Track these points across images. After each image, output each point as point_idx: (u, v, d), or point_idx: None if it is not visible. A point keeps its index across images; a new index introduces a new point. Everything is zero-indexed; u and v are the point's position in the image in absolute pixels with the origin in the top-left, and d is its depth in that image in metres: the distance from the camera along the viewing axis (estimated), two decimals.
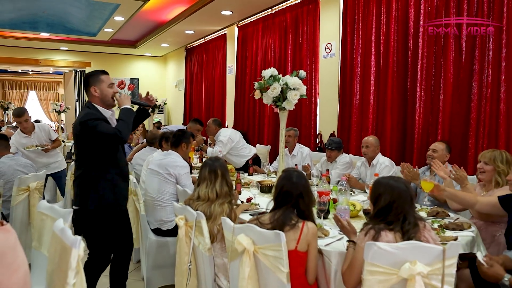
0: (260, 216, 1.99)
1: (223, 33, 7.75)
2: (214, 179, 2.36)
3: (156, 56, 11.25)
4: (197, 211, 2.16)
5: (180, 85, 10.18)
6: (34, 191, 3.35)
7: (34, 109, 15.22)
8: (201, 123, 4.93)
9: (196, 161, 4.94)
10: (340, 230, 2.24)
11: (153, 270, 3.01)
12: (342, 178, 2.81)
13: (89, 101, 2.48)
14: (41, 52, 10.01)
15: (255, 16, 6.56)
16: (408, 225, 1.69)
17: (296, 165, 4.03)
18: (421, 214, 2.53)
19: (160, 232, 3.06)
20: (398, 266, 1.55)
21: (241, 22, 7.02)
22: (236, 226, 1.91)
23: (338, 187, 2.63)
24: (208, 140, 6.05)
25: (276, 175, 3.74)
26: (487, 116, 3.39)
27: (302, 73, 3.11)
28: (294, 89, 3.01)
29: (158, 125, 7.85)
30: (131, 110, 2.49)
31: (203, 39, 8.63)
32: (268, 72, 3.06)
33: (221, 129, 4.73)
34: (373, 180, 1.95)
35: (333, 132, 4.98)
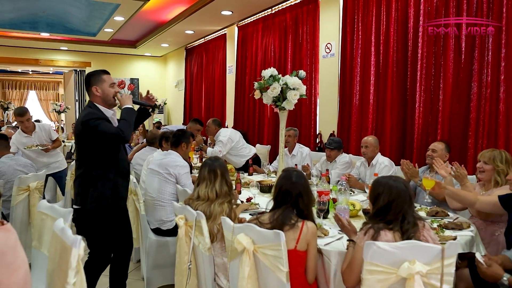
0: (260, 216, 1.99)
1: (223, 33, 7.75)
2: (214, 179, 2.36)
3: (156, 56, 11.26)
4: (197, 211, 2.17)
5: (180, 85, 10.19)
6: (34, 191, 3.36)
7: (34, 109, 15.20)
8: (201, 123, 4.94)
9: (196, 161, 4.94)
10: (340, 230, 2.25)
11: (153, 270, 3.02)
12: (342, 178, 2.81)
13: (91, 101, 2.49)
14: (41, 52, 10.02)
15: (255, 16, 6.57)
16: (407, 225, 1.70)
17: (296, 165, 4.04)
18: (421, 214, 2.54)
19: (160, 232, 3.06)
20: (397, 266, 1.55)
21: (241, 22, 7.03)
22: (236, 226, 1.92)
23: (338, 187, 2.63)
24: (208, 140, 6.05)
25: (276, 175, 3.74)
26: (487, 116, 3.40)
27: (302, 73, 3.11)
28: (294, 89, 3.01)
29: (158, 125, 7.86)
30: (133, 110, 2.50)
31: (203, 39, 8.63)
32: (268, 72, 3.06)
33: (221, 129, 4.73)
34: (373, 180, 1.95)
35: (333, 132, 4.99)
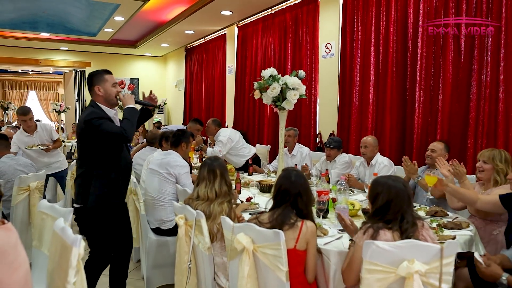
0: (259, 215, 2.00)
1: (223, 33, 7.76)
2: (213, 179, 2.36)
3: (156, 56, 11.27)
4: (197, 210, 2.18)
5: (180, 85, 10.19)
6: (35, 191, 3.36)
7: (34, 109, 15.17)
8: (201, 123, 4.95)
9: (196, 161, 4.95)
10: (340, 229, 2.27)
11: (153, 269, 3.02)
12: (341, 178, 2.82)
13: (93, 100, 2.49)
14: (41, 52, 10.03)
15: (255, 16, 6.57)
16: (406, 224, 1.70)
17: (296, 165, 4.04)
18: (420, 213, 2.55)
19: (160, 232, 3.06)
20: (396, 265, 1.55)
21: (241, 22, 7.03)
22: (236, 225, 1.92)
23: (337, 187, 2.64)
24: (208, 140, 6.05)
25: (276, 175, 3.75)
26: (486, 116, 3.41)
27: (302, 73, 3.12)
28: (294, 89, 3.02)
29: (158, 125, 7.87)
30: (136, 110, 2.51)
31: (203, 39, 8.64)
32: (268, 72, 3.07)
33: (221, 129, 4.74)
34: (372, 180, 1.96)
35: (333, 132, 4.99)
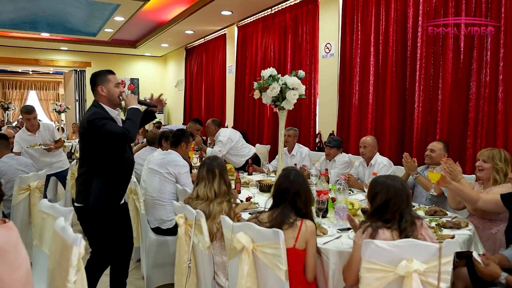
0: (259, 215, 2.01)
1: (223, 33, 7.77)
2: (212, 179, 2.37)
3: (156, 56, 11.27)
4: (197, 210, 2.18)
5: (180, 85, 10.20)
6: (35, 190, 3.37)
7: None
8: (201, 123, 4.96)
9: (196, 161, 4.95)
10: (339, 229, 2.28)
11: (153, 269, 3.03)
12: (341, 178, 2.82)
13: (96, 100, 2.50)
14: (41, 52, 10.03)
15: (255, 16, 6.58)
16: (405, 223, 1.71)
17: (296, 165, 4.05)
18: (419, 213, 2.56)
19: (160, 231, 3.07)
20: (395, 264, 1.56)
21: (241, 22, 7.04)
22: (235, 225, 1.93)
23: (337, 186, 2.64)
24: (208, 140, 6.06)
25: (276, 175, 3.75)
26: (485, 116, 3.41)
27: (301, 73, 3.12)
28: (293, 89, 3.03)
29: (158, 125, 7.87)
30: (139, 110, 2.53)
31: (203, 39, 8.64)
32: (267, 72, 3.08)
33: (221, 129, 4.74)
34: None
35: (332, 132, 5.00)
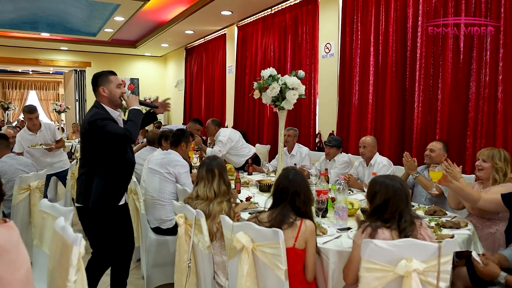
0: (259, 214, 2.01)
1: (223, 33, 7.77)
2: (212, 178, 2.37)
3: (156, 56, 11.27)
4: (197, 210, 2.19)
5: (180, 85, 10.20)
6: (35, 190, 3.37)
7: None
8: (201, 123, 4.96)
9: (196, 161, 4.95)
10: (339, 228, 2.28)
11: (153, 268, 3.04)
12: (340, 177, 2.83)
13: (97, 101, 2.50)
14: (41, 52, 10.03)
15: (255, 16, 6.58)
16: (405, 223, 1.72)
17: (295, 165, 4.05)
18: (419, 213, 2.56)
19: (160, 231, 3.08)
20: (395, 263, 1.57)
21: (241, 22, 7.05)
22: (235, 224, 1.93)
23: (337, 186, 2.65)
24: (208, 140, 6.06)
25: (276, 174, 3.76)
26: (485, 116, 3.41)
27: (301, 73, 3.13)
28: (293, 89, 3.03)
29: (158, 125, 7.87)
30: (140, 112, 2.53)
31: (203, 39, 8.65)
32: (267, 72, 3.08)
33: (221, 129, 4.75)
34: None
35: (332, 132, 5.00)
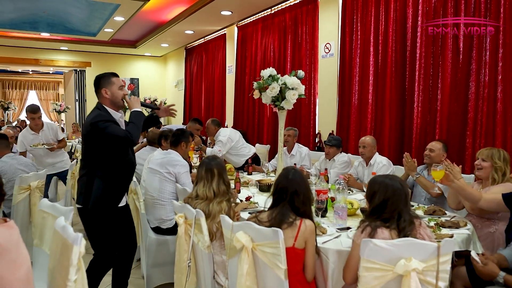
0: (259, 214, 2.02)
1: (223, 33, 7.77)
2: (211, 178, 2.38)
3: (156, 56, 11.27)
4: (196, 209, 2.19)
5: (180, 85, 10.21)
6: (35, 190, 3.37)
7: None
8: (201, 123, 4.97)
9: (196, 161, 4.96)
10: (338, 228, 2.29)
11: (153, 268, 3.04)
12: (340, 177, 2.83)
13: (99, 103, 2.51)
14: (41, 52, 10.04)
15: (255, 16, 6.59)
16: (404, 223, 1.72)
17: (295, 165, 4.06)
18: (418, 212, 2.57)
19: (160, 231, 3.08)
20: (394, 263, 1.57)
21: (241, 22, 7.05)
22: (235, 224, 1.94)
23: (336, 186, 2.65)
24: (208, 140, 6.07)
25: (275, 174, 3.76)
26: (484, 116, 3.42)
27: (301, 73, 3.13)
28: (293, 89, 3.04)
29: (158, 125, 7.86)
30: (142, 114, 2.54)
31: (203, 39, 8.65)
32: (267, 72, 3.09)
33: (221, 129, 4.75)
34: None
35: (332, 132, 5.01)
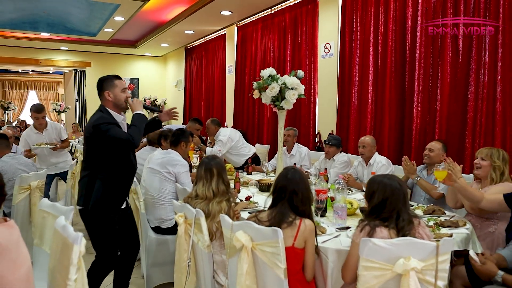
0: (259, 213, 2.02)
1: (223, 33, 7.78)
2: (210, 178, 2.38)
3: (156, 56, 11.28)
4: (196, 209, 2.20)
5: (180, 85, 10.21)
6: (35, 190, 3.38)
7: None
8: (200, 123, 4.97)
9: (196, 160, 4.96)
10: (338, 228, 2.29)
11: (153, 268, 3.05)
12: (340, 177, 2.83)
13: (102, 105, 2.51)
14: (41, 52, 10.04)
15: (255, 16, 6.59)
16: (403, 222, 1.73)
17: (295, 164, 4.06)
18: (417, 212, 2.58)
19: (160, 230, 3.09)
20: (393, 262, 1.58)
21: (241, 22, 7.05)
22: (235, 223, 1.94)
23: (336, 186, 2.66)
24: (208, 140, 6.07)
25: (275, 174, 3.77)
26: (484, 116, 3.42)
27: (300, 73, 3.14)
28: (293, 89, 3.04)
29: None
30: (144, 117, 2.54)
31: (203, 39, 8.65)
32: (267, 72, 3.09)
33: (221, 129, 4.76)
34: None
35: (332, 132, 5.01)
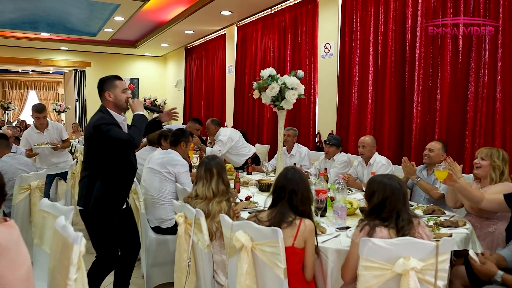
0: (258, 213, 2.02)
1: (223, 33, 7.78)
2: (210, 178, 2.38)
3: (156, 56, 11.28)
4: (196, 209, 2.20)
5: (180, 85, 10.21)
6: (35, 190, 3.38)
7: None
8: (200, 123, 4.97)
9: (196, 160, 4.96)
10: (338, 228, 2.30)
11: (153, 268, 3.05)
12: (340, 177, 2.84)
13: (103, 105, 2.51)
14: (41, 52, 10.04)
15: (255, 16, 6.59)
16: (402, 222, 1.73)
17: (295, 164, 4.06)
18: (417, 212, 2.58)
19: (160, 230, 3.09)
20: (393, 262, 1.58)
21: (241, 22, 7.05)
22: (235, 223, 1.95)
23: (336, 186, 2.66)
24: (208, 140, 6.07)
25: (275, 174, 3.77)
26: (484, 116, 3.43)
27: (300, 73, 3.14)
28: (292, 89, 3.05)
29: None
30: (144, 117, 2.55)
31: (203, 39, 8.66)
32: (267, 72, 3.10)
33: (221, 129, 4.76)
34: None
35: (332, 132, 5.01)
